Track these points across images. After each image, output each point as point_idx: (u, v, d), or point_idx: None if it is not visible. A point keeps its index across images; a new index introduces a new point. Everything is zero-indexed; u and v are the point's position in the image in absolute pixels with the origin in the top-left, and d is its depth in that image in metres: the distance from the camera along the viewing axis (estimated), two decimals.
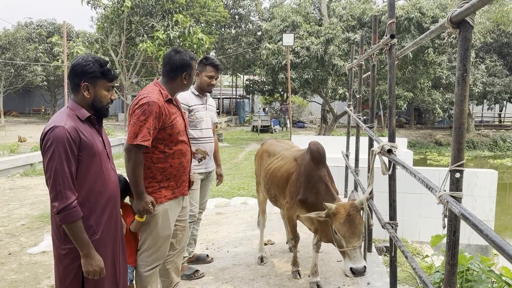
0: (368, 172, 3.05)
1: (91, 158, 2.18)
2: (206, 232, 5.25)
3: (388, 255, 5.16)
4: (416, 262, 2.26)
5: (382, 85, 17.30)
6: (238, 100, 36.90)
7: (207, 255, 4.23)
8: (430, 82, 19.74)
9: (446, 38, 1.72)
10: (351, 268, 2.85)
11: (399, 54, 2.79)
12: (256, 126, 25.27)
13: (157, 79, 2.94)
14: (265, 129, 25.47)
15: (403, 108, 23.75)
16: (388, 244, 5.29)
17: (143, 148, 2.66)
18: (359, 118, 4.68)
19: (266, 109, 32.50)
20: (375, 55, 3.72)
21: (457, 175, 1.75)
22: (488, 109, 29.67)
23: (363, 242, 3.04)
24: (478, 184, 6.23)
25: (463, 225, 6.02)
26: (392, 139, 2.95)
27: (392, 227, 2.89)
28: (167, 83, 2.86)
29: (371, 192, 3.88)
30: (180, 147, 2.86)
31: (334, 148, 9.64)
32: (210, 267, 4.06)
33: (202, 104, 3.76)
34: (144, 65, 17.73)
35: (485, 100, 25.90)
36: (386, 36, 2.74)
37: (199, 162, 3.51)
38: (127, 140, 2.67)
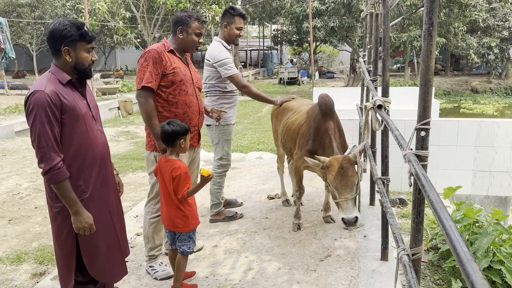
0: (362, 128, 3.01)
1: (74, 121, 2.25)
2: None
3: (401, 207, 5.19)
4: (395, 219, 2.27)
5: (412, 30, 16.45)
6: (266, 51, 36.16)
7: (236, 199, 4.61)
8: (465, 26, 18.54)
9: None
10: (342, 218, 2.95)
11: (391, 4, 2.64)
12: (283, 78, 24.88)
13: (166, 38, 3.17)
14: (292, 81, 25.03)
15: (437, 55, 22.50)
16: (401, 196, 5.31)
17: (151, 91, 2.88)
18: (368, 70, 4.54)
19: (294, 60, 31.73)
20: (377, 4, 3.53)
21: (422, 133, 1.71)
22: None
23: (357, 195, 3.07)
24: (499, 135, 6.02)
25: (482, 176, 5.85)
26: (385, 93, 2.87)
27: (383, 182, 2.89)
28: (171, 38, 3.12)
29: (372, 146, 3.86)
30: (184, 98, 3.02)
31: (358, 100, 9.42)
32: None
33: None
34: (166, 20, 17.54)
35: None
36: None
37: (216, 121, 3.59)
38: (136, 88, 2.92)
